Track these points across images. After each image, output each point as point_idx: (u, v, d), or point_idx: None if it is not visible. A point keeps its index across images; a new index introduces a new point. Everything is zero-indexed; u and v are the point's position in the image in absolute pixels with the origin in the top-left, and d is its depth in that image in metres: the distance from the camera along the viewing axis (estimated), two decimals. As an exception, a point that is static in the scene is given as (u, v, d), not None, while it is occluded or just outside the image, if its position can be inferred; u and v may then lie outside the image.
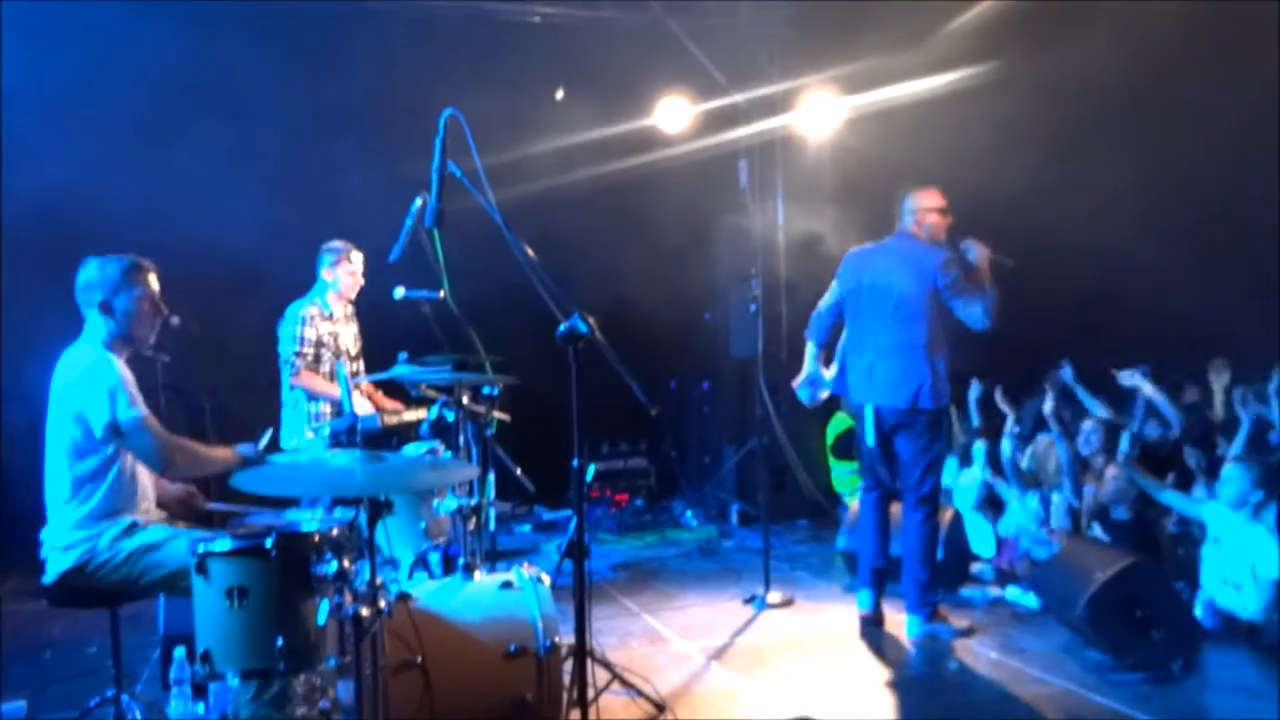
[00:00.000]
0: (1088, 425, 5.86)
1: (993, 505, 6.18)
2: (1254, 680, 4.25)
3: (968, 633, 4.92)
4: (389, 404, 5.46)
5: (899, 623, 5.02)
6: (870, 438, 4.98)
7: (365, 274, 5.52)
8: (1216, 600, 4.69)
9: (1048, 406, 5.94)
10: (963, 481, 6.24)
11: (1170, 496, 5.07)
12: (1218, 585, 4.71)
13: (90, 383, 3.35)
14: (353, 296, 5.51)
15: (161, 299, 3.61)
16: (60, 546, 3.40)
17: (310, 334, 5.29)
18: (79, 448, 3.38)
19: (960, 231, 5.09)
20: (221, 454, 3.54)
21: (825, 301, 5.26)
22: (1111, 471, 5.30)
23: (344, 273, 5.41)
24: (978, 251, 4.93)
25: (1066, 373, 6.52)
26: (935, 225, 5.00)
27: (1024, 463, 6.06)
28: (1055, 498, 5.66)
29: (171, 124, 6.38)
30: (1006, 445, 5.89)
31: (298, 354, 5.26)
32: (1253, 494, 4.65)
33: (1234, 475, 4.75)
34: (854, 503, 5.94)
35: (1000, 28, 6.73)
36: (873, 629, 5.04)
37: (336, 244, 5.46)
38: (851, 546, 5.63)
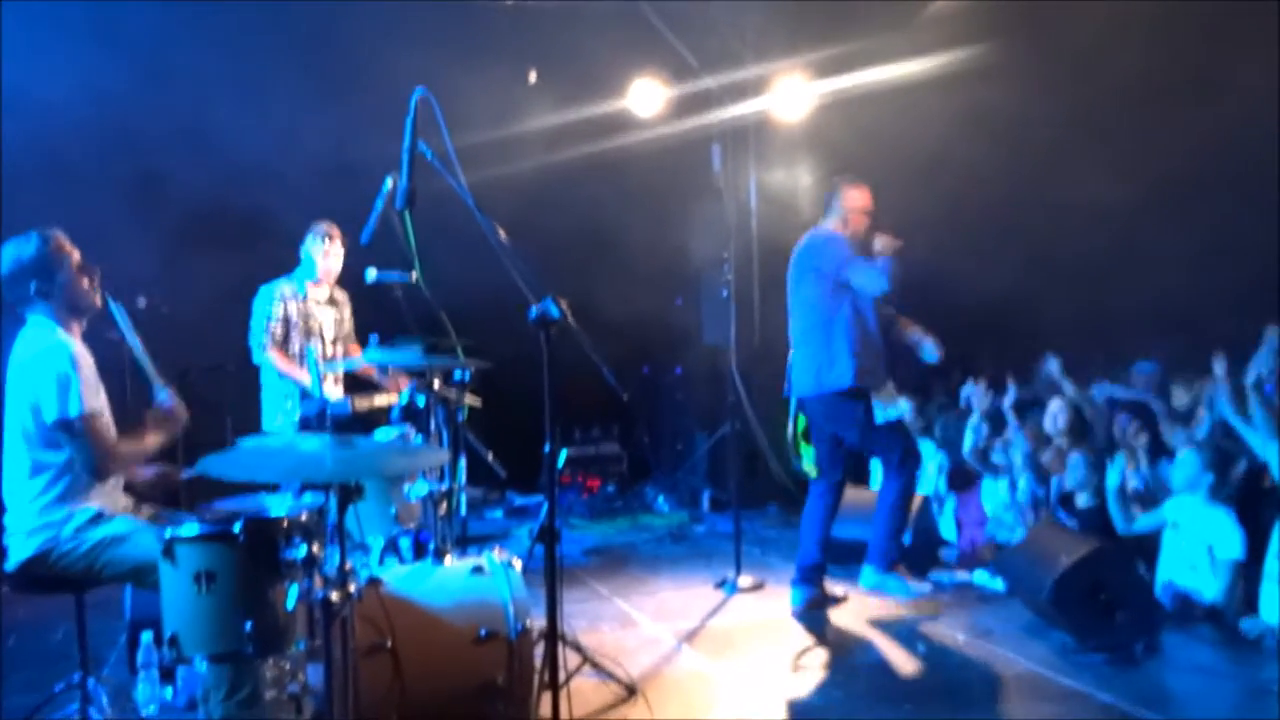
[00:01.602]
0: (1054, 405, 5.87)
1: (955, 488, 6.24)
2: (1212, 660, 4.33)
3: (926, 603, 5.00)
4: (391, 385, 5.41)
5: (868, 606, 5.07)
6: (797, 426, 5.24)
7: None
8: (1175, 582, 4.77)
9: (1008, 400, 5.95)
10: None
11: (1141, 524, 5.03)
12: (1176, 567, 4.79)
13: (42, 370, 3.25)
14: (329, 280, 5.48)
15: (83, 258, 3.46)
16: (22, 533, 3.32)
17: (278, 311, 5.31)
18: (38, 435, 3.30)
19: (943, 221, 5.13)
20: (149, 436, 3.45)
21: None
22: (1074, 457, 5.34)
23: (319, 254, 5.40)
24: (882, 244, 4.97)
25: (1053, 366, 6.47)
26: (857, 225, 5.10)
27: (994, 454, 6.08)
28: (1021, 483, 5.70)
29: (142, 105, 6.28)
30: (969, 436, 5.91)
31: (266, 331, 5.29)
32: (1203, 476, 4.73)
33: (1186, 460, 4.82)
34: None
35: (980, 14, 6.73)
36: (838, 611, 5.09)
37: (319, 225, 5.45)
38: (838, 534, 5.66)
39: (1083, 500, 5.27)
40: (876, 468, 5.39)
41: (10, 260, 3.35)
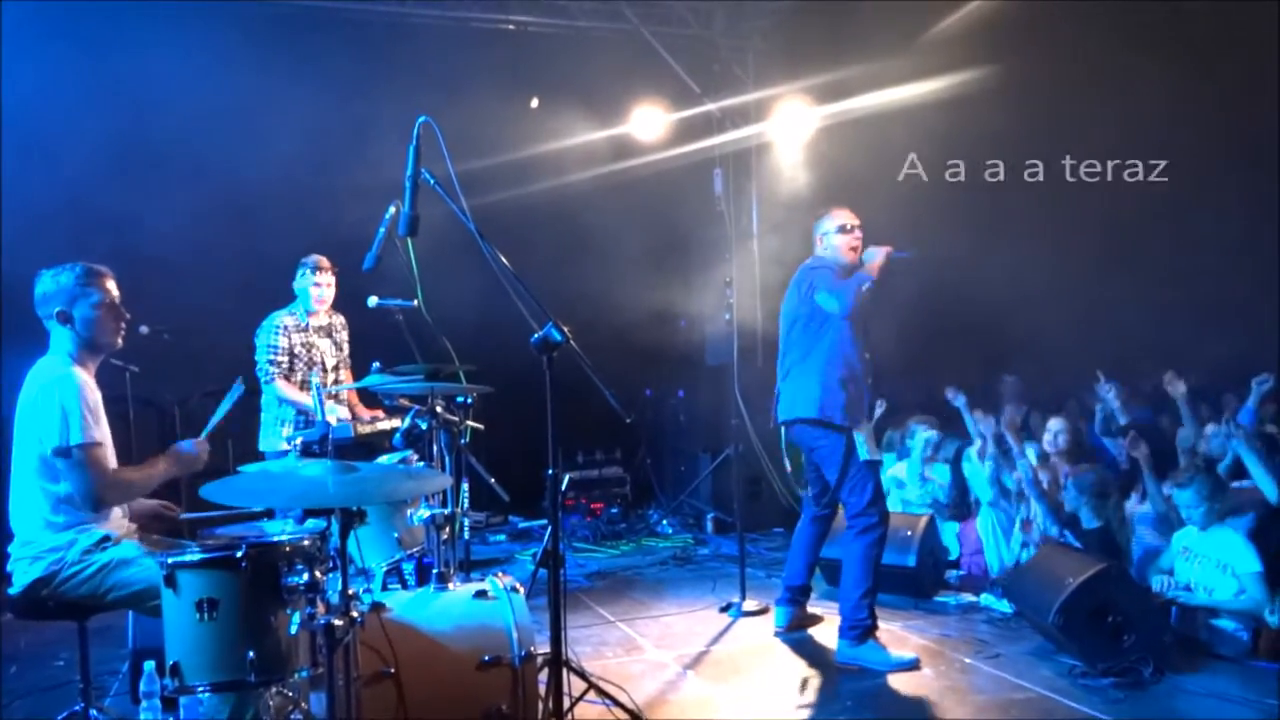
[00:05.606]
0: (1055, 424, 5.85)
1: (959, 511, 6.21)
2: (1223, 685, 4.28)
3: (911, 666, 4.58)
4: (366, 413, 5.47)
5: (882, 631, 4.98)
6: (786, 458, 5.11)
7: (338, 285, 5.54)
8: (1193, 606, 4.70)
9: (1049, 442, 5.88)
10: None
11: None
12: (1192, 593, 4.73)
13: (46, 401, 3.29)
14: (320, 309, 5.51)
15: (120, 302, 3.54)
16: (29, 557, 3.33)
17: (284, 343, 5.43)
18: (42, 464, 3.32)
19: (942, 240, 5.09)
20: (161, 467, 3.47)
21: None
22: (1069, 479, 5.32)
23: (310, 286, 5.46)
24: (875, 253, 4.86)
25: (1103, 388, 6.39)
26: (838, 245, 4.95)
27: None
28: (1038, 519, 5.59)
29: (147, 134, 6.34)
30: (988, 465, 5.85)
31: (271, 362, 5.39)
32: (1202, 505, 4.70)
33: (1186, 496, 4.78)
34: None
35: (977, 38, 6.79)
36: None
37: (308, 258, 5.52)
38: (825, 555, 5.64)
39: (1086, 520, 5.24)
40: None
41: (49, 279, 3.45)
